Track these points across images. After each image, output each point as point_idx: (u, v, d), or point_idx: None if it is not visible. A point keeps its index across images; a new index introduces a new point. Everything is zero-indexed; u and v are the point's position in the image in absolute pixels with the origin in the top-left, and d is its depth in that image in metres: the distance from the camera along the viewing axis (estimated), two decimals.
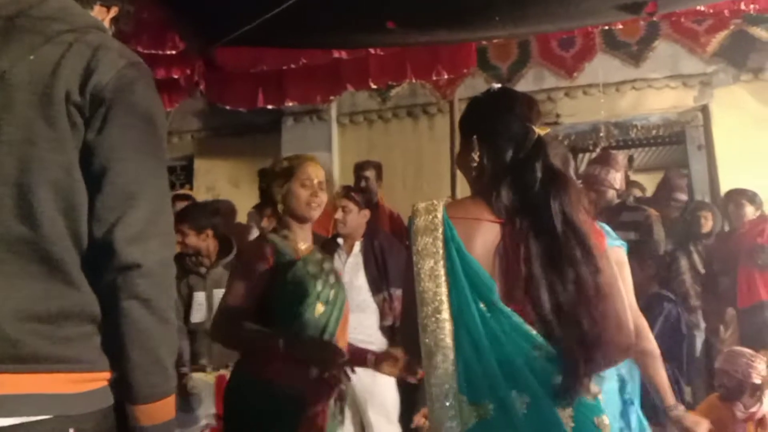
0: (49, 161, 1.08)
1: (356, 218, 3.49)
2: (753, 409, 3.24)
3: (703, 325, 4.63)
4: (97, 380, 1.13)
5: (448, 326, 1.37)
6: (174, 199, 4.24)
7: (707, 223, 4.80)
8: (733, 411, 3.25)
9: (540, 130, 1.46)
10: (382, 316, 3.35)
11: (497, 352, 1.35)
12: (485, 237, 1.42)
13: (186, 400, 3.24)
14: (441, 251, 1.40)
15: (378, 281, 3.38)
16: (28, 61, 1.11)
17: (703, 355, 4.55)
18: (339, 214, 3.40)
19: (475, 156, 1.49)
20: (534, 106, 1.53)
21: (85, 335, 1.11)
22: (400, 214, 4.83)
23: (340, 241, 3.55)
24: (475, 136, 1.50)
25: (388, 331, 3.36)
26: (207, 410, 3.24)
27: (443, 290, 1.38)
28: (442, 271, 1.39)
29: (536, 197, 1.40)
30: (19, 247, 1.07)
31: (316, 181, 2.24)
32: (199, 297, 3.57)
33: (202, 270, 3.63)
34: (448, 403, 1.36)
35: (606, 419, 1.41)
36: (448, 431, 1.35)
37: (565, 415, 1.34)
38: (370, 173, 4.89)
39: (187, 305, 3.57)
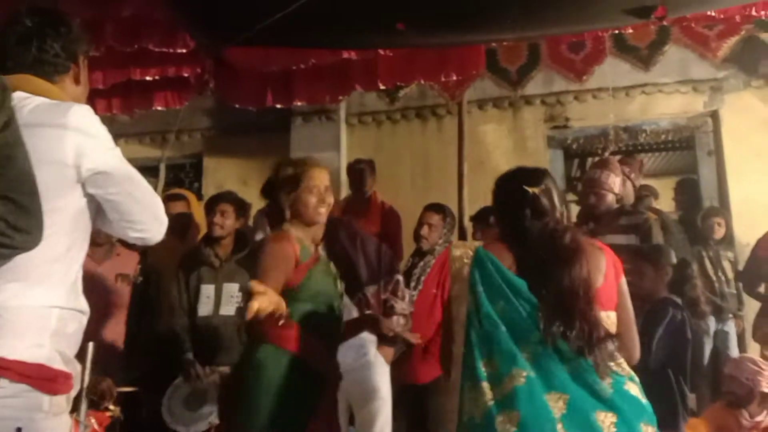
0: None
1: None
2: (759, 418, 3.22)
3: (712, 331, 4.60)
4: None
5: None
6: (168, 199, 4.15)
7: (720, 230, 4.78)
8: (738, 419, 3.23)
9: (532, 189, 1.90)
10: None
11: None
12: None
13: (191, 397, 3.25)
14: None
15: (349, 284, 3.28)
16: None
17: (710, 363, 4.53)
18: None
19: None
20: (531, 174, 1.97)
21: None
22: (393, 206, 4.84)
23: None
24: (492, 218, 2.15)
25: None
26: (212, 407, 3.23)
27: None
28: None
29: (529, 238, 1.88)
30: None
31: (322, 187, 2.28)
32: (208, 290, 3.52)
33: (216, 262, 3.58)
34: None
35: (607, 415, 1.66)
36: None
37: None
38: (363, 165, 4.92)
39: (195, 298, 3.52)
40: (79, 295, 1.54)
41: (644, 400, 1.71)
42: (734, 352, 4.59)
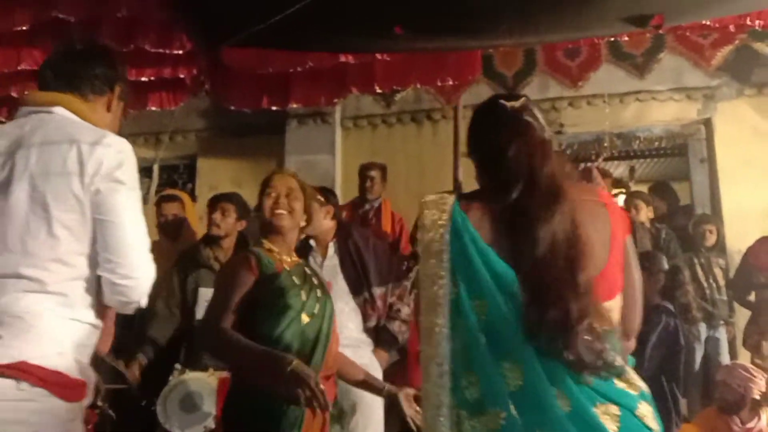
0: None
1: (318, 216, 3.24)
2: (750, 425, 3.24)
3: (703, 337, 4.62)
4: None
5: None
6: (162, 200, 4.12)
7: (712, 237, 4.81)
8: (729, 425, 3.25)
9: (510, 104, 1.48)
10: (365, 317, 3.20)
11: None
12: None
13: (188, 399, 3.23)
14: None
15: (357, 282, 3.20)
16: None
17: (701, 369, 4.55)
18: None
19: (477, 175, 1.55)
20: (509, 95, 1.56)
21: None
22: (402, 217, 4.86)
23: (311, 243, 3.38)
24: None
25: (372, 333, 3.23)
26: (209, 410, 3.21)
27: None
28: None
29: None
30: None
31: (282, 189, 2.30)
32: (207, 294, 3.28)
33: (216, 265, 3.48)
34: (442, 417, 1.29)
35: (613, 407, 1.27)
36: None
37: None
38: (375, 173, 4.92)
39: (193, 301, 3.45)
40: (97, 312, 1.60)
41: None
42: (725, 358, 4.61)
